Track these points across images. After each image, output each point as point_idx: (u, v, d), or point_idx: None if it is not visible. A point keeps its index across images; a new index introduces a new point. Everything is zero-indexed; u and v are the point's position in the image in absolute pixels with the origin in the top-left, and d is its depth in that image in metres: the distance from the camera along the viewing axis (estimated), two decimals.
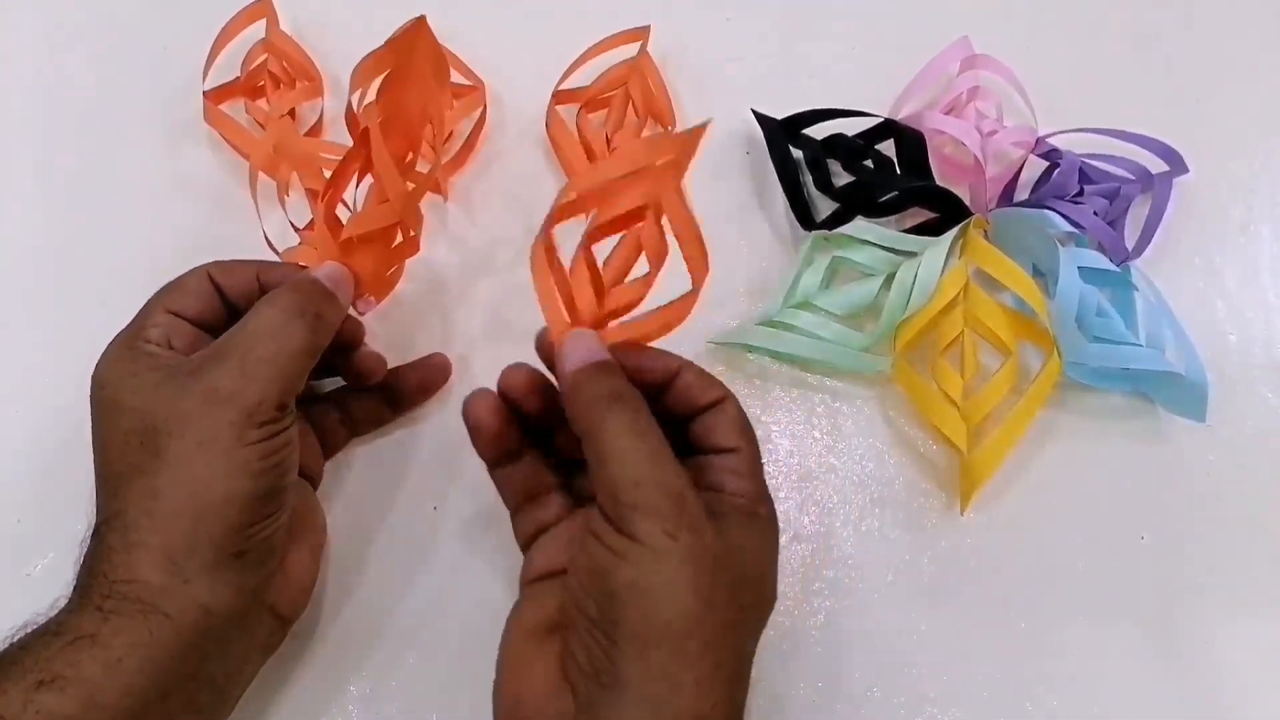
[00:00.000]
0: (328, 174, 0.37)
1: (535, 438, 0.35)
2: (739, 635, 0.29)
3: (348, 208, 0.37)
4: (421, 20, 0.33)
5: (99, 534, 0.31)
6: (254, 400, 0.31)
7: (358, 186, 0.37)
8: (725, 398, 0.32)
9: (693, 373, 0.33)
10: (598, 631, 0.28)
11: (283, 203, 0.42)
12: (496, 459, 0.34)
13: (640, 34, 0.46)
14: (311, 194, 0.37)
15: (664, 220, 0.32)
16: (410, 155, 0.36)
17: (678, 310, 0.32)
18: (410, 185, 0.35)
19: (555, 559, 0.33)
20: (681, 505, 0.28)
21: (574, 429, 0.30)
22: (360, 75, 0.34)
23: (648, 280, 0.32)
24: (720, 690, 0.27)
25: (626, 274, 0.33)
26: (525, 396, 0.33)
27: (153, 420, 0.31)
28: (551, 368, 0.33)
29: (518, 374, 0.33)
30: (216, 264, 0.35)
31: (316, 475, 0.38)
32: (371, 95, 0.35)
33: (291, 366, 0.32)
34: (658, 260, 0.32)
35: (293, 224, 0.40)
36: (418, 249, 0.39)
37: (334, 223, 0.36)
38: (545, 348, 0.33)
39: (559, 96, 0.45)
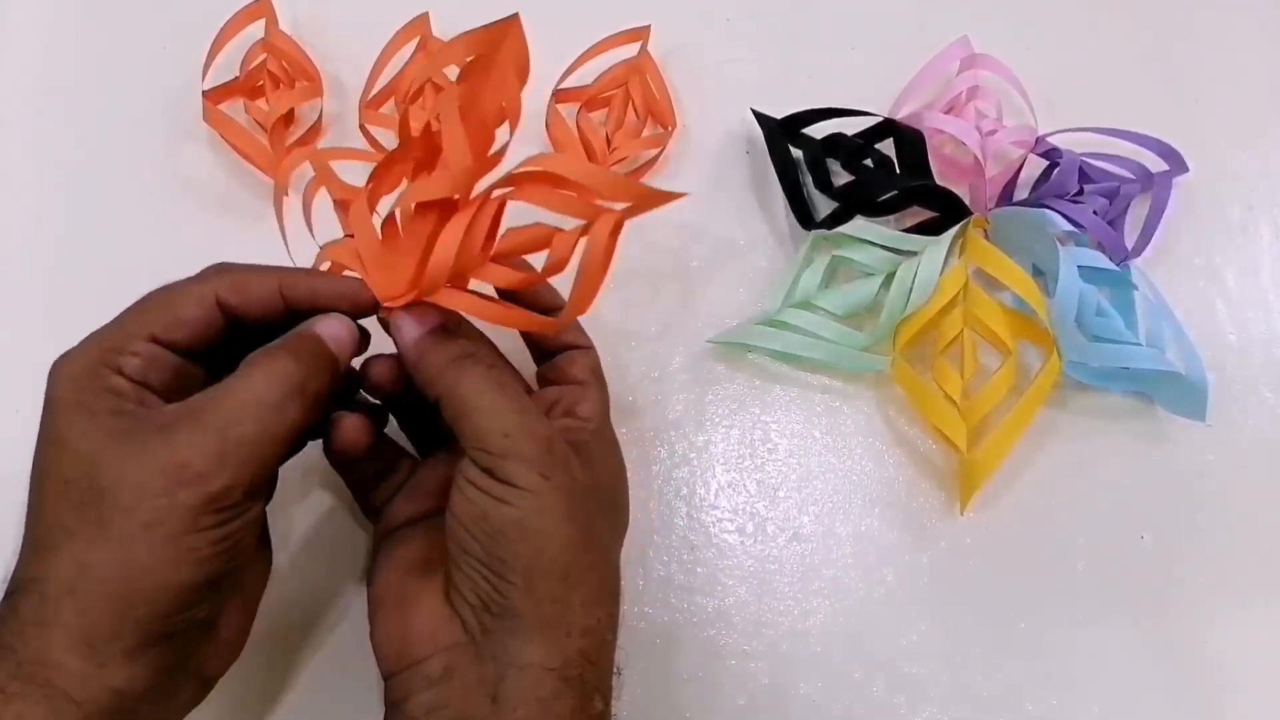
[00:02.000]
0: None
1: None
2: (612, 552, 0.33)
3: (377, 214, 0.33)
4: (515, 18, 0.30)
5: (12, 599, 0.27)
6: (223, 486, 0.27)
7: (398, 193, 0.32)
8: (591, 346, 0.35)
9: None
10: (485, 569, 0.29)
11: (278, 205, 0.42)
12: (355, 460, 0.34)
13: (640, 34, 0.46)
14: (340, 205, 0.34)
15: (580, 244, 0.30)
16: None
17: (525, 322, 0.31)
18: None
19: (417, 507, 0.35)
20: (551, 448, 0.29)
21: (427, 395, 0.30)
22: (438, 57, 0.32)
23: (528, 279, 0.31)
24: (604, 605, 0.30)
25: (514, 256, 0.32)
26: (393, 384, 0.32)
27: (100, 479, 0.27)
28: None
29: (384, 366, 0.32)
30: (230, 281, 0.31)
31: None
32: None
33: (274, 452, 0.28)
34: (551, 270, 0.30)
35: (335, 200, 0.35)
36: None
37: (376, 204, 0.32)
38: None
39: (559, 96, 0.45)
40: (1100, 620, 0.40)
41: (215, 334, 0.31)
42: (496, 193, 0.30)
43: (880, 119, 0.45)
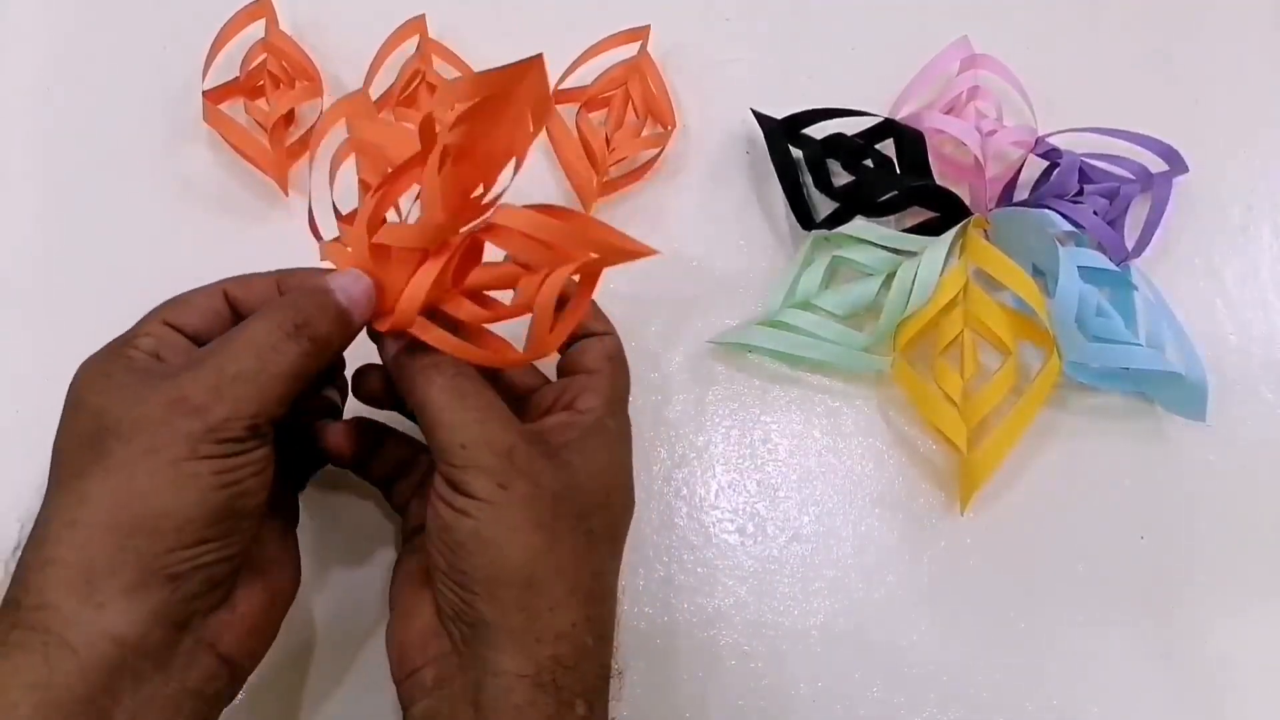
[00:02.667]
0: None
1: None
2: (591, 556, 0.31)
3: (399, 213, 0.34)
4: (538, 59, 0.29)
5: (21, 552, 0.27)
6: (221, 417, 0.27)
7: (416, 199, 0.32)
8: (610, 331, 0.35)
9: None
10: (452, 581, 0.30)
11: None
12: (361, 463, 0.36)
13: (640, 34, 0.46)
14: (364, 185, 0.34)
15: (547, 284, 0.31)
16: (481, 189, 0.32)
17: (485, 358, 0.31)
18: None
19: (423, 513, 0.34)
20: (511, 458, 0.29)
21: (408, 405, 0.31)
22: (455, 92, 0.31)
23: (495, 314, 0.32)
24: (578, 609, 0.30)
25: (485, 289, 0.33)
26: (384, 395, 0.34)
27: (105, 420, 0.28)
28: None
29: (373, 378, 0.34)
30: (236, 280, 0.32)
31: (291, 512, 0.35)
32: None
33: (273, 389, 0.28)
34: (518, 309, 0.31)
35: (336, 209, 0.34)
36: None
37: (376, 224, 0.32)
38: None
39: (559, 96, 0.45)
40: (1100, 620, 0.40)
41: (223, 323, 0.32)
42: (465, 230, 0.31)
43: (880, 119, 0.45)
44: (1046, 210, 0.42)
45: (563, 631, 0.30)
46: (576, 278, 0.31)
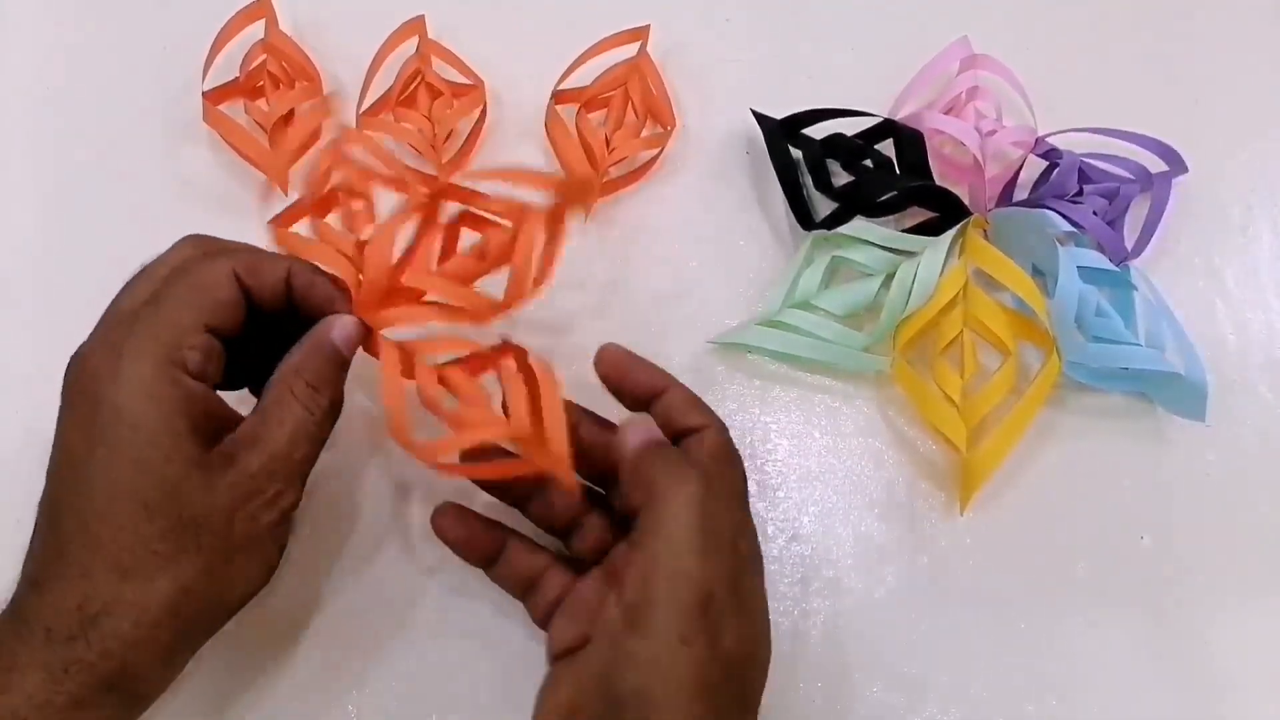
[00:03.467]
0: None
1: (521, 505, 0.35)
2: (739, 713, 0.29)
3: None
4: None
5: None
6: (288, 499, 0.31)
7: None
8: (706, 425, 0.32)
9: (678, 394, 0.33)
10: None
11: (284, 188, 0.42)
12: (485, 562, 0.35)
13: (640, 34, 0.46)
14: (360, 200, 0.36)
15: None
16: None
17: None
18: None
19: (570, 634, 0.32)
20: (706, 607, 0.28)
21: (630, 501, 0.31)
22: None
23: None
24: None
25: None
26: (469, 539, 0.35)
27: (184, 510, 0.29)
28: (613, 387, 0.34)
29: (451, 522, 0.35)
30: (246, 263, 0.31)
31: None
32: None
33: (313, 452, 0.32)
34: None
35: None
36: None
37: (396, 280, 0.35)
38: (608, 367, 0.34)
39: (559, 97, 0.45)
40: (1100, 620, 0.40)
41: (240, 317, 0.32)
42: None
43: (880, 119, 0.45)
44: (1046, 210, 0.42)
45: None
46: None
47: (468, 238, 0.36)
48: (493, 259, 0.34)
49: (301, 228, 0.37)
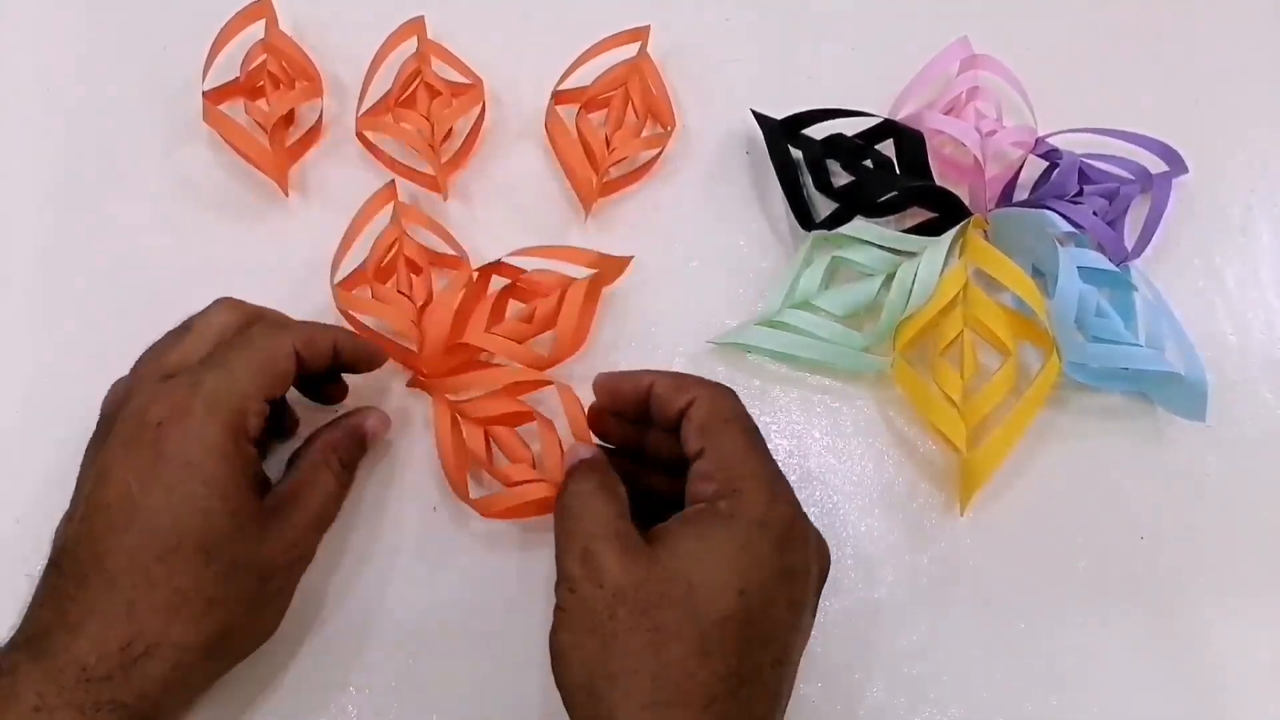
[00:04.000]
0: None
1: None
2: (661, 655, 0.29)
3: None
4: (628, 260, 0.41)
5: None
6: (309, 556, 0.35)
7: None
8: (692, 401, 0.33)
9: (662, 383, 0.34)
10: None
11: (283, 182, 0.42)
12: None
13: (640, 34, 0.46)
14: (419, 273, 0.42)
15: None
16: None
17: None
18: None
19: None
20: (585, 559, 0.31)
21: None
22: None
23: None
24: (643, 713, 0.29)
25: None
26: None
27: (240, 559, 0.31)
28: (613, 409, 0.36)
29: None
30: (303, 338, 0.34)
31: None
32: None
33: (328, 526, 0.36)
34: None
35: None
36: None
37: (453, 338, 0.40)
38: (600, 393, 0.36)
39: (559, 97, 0.45)
40: (1100, 620, 0.40)
41: (290, 385, 0.35)
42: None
43: (880, 119, 0.45)
44: (1046, 210, 0.42)
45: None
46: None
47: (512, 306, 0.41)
48: (538, 325, 0.40)
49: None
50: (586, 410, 0.37)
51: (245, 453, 0.32)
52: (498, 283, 0.41)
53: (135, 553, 0.30)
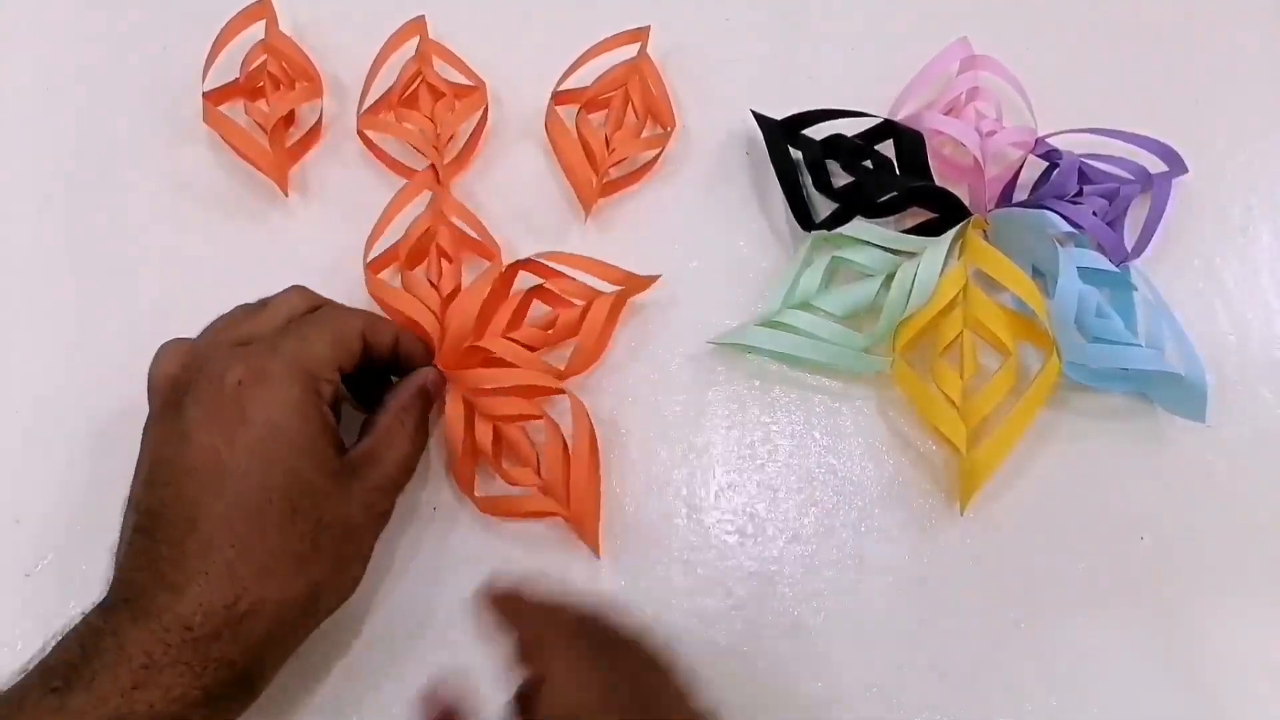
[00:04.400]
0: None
1: None
2: None
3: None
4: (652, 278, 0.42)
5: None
6: (392, 504, 0.36)
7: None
8: (543, 680, 0.31)
9: (525, 632, 0.33)
10: None
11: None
12: None
13: (640, 35, 0.46)
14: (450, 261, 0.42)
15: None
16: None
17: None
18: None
19: None
20: None
21: None
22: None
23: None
24: None
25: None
26: None
27: (324, 515, 0.32)
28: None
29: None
30: (369, 323, 0.37)
31: None
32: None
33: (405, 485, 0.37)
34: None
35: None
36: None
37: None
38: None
39: (559, 98, 0.45)
40: (1100, 620, 0.40)
41: (358, 363, 0.36)
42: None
43: (880, 120, 0.45)
44: (1046, 211, 0.42)
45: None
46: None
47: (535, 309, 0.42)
48: (559, 333, 0.40)
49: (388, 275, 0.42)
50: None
51: (322, 413, 0.33)
52: (523, 282, 0.41)
53: (228, 513, 0.31)
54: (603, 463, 0.40)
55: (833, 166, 0.45)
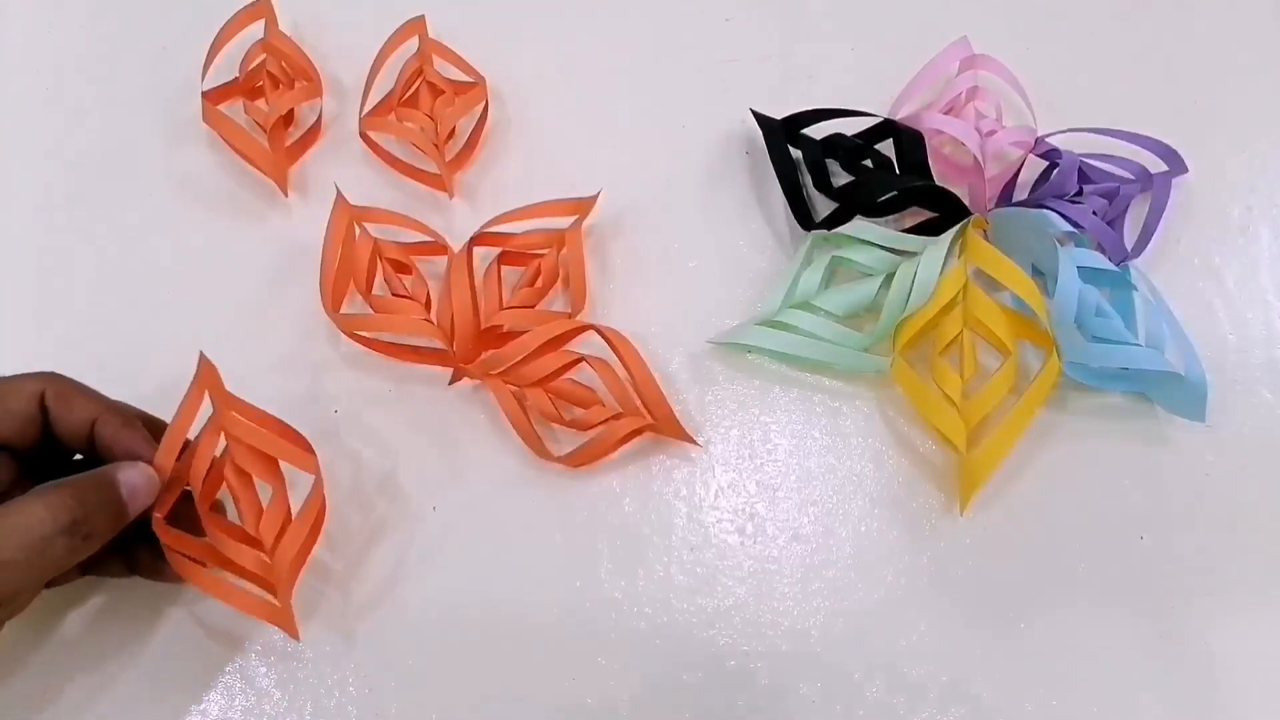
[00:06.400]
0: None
1: None
2: None
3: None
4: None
5: None
6: None
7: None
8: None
9: None
10: None
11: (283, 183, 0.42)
12: None
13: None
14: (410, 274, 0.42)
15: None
16: None
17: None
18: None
19: None
20: None
21: None
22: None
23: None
24: None
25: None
26: None
27: None
28: None
29: None
30: (56, 386, 0.32)
31: None
32: None
33: (35, 577, 0.29)
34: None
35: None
36: None
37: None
38: None
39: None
40: (1100, 620, 0.40)
41: (33, 435, 0.31)
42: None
43: (880, 119, 0.45)
44: (1046, 210, 0.42)
45: None
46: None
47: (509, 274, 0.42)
48: (547, 280, 0.41)
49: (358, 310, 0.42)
50: None
51: None
52: (488, 258, 0.42)
53: None
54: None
55: (832, 166, 0.45)
